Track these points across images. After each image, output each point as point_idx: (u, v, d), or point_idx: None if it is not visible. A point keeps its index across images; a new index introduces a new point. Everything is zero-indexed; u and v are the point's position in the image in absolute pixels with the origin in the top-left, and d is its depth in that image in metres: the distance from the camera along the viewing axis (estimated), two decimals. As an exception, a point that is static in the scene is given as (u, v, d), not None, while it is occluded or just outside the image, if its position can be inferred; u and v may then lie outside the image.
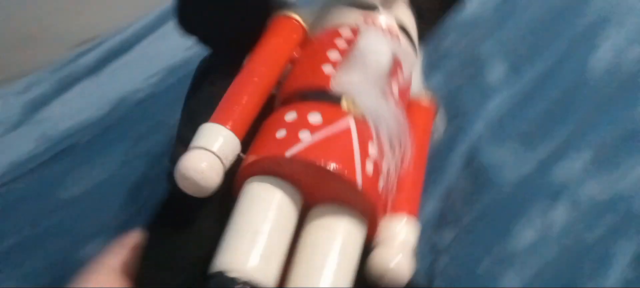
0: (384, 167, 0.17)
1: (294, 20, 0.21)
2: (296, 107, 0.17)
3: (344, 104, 0.17)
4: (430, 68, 0.52)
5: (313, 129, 0.16)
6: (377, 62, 0.19)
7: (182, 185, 0.15)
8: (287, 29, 0.21)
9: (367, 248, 0.17)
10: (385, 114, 0.17)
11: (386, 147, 0.17)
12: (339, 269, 0.15)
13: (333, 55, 0.19)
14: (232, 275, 0.13)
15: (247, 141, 0.17)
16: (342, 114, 0.17)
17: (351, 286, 0.15)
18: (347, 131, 0.16)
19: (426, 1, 0.22)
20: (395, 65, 0.20)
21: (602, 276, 0.34)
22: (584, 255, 0.35)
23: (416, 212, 0.19)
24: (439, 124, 0.23)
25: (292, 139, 0.16)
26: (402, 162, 0.18)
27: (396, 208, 0.19)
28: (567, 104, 0.43)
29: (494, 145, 0.40)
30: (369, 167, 0.16)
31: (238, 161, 0.17)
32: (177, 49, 0.62)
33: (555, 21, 0.50)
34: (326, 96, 0.17)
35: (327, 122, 0.16)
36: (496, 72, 0.48)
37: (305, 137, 0.16)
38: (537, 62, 0.47)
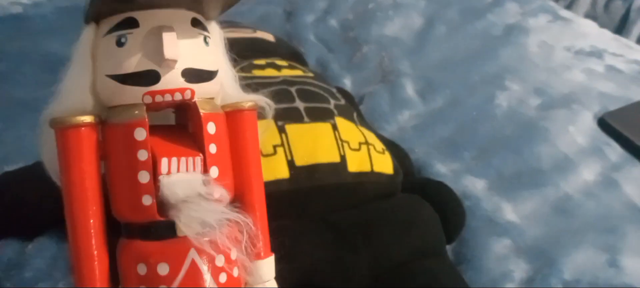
0: (233, 255, 0.19)
1: (82, 129, 0.18)
2: (141, 254, 0.18)
3: (178, 231, 0.18)
4: (344, 70, 0.50)
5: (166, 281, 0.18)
6: None
7: None
8: (85, 148, 0.18)
9: None
10: (210, 217, 0.18)
11: (223, 242, 0.18)
12: None
13: (142, 177, 0.18)
14: None
15: None
16: (182, 249, 0.18)
17: None
18: (195, 267, 0.18)
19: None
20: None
21: None
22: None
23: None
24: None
25: None
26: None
27: (258, 255, 0.20)
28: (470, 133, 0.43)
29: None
30: (222, 278, 0.18)
31: None
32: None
33: (465, 61, 0.52)
34: (160, 229, 0.18)
35: (174, 270, 0.18)
36: (409, 89, 0.47)
37: None
38: (444, 91, 0.48)
